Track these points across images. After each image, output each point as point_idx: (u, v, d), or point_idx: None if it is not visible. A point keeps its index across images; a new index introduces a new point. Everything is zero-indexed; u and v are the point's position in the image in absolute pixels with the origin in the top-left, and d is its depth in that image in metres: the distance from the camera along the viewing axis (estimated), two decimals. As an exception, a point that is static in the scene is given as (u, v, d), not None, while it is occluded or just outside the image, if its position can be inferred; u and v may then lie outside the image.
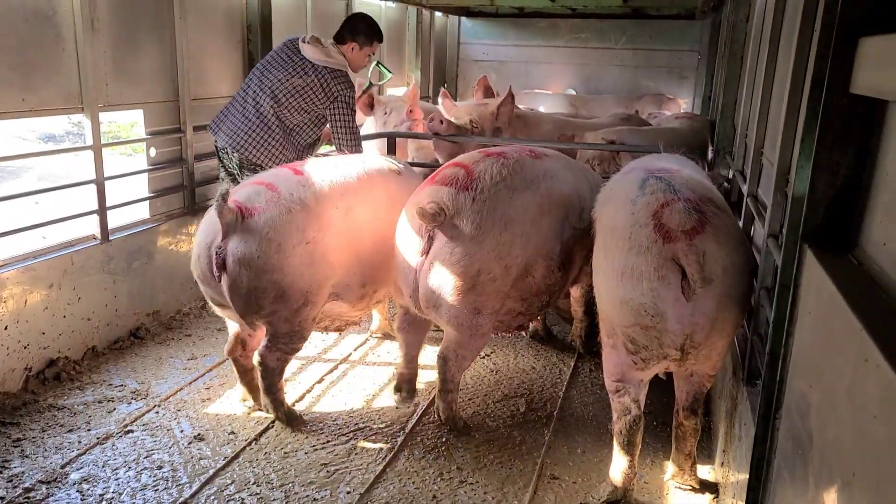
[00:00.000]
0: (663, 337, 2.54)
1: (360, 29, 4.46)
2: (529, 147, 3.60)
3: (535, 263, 3.18)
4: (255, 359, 3.32)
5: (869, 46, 1.65)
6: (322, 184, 3.30)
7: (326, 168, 3.43)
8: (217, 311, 3.44)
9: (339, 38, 4.46)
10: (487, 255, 3.03)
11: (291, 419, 3.41)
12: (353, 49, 4.43)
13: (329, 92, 4.28)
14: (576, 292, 4.15)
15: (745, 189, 3.47)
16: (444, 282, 3.06)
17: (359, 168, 3.53)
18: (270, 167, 4.06)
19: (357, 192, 3.41)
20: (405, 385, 3.63)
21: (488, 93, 5.81)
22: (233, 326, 3.48)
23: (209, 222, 3.18)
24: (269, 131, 4.21)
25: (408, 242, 3.18)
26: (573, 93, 9.55)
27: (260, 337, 3.44)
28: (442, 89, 5.45)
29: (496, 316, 3.21)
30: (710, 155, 5.53)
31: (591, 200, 3.39)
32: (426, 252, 3.09)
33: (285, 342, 3.27)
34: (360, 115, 5.12)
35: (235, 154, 4.19)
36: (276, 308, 3.15)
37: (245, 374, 3.53)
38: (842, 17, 1.75)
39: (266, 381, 3.33)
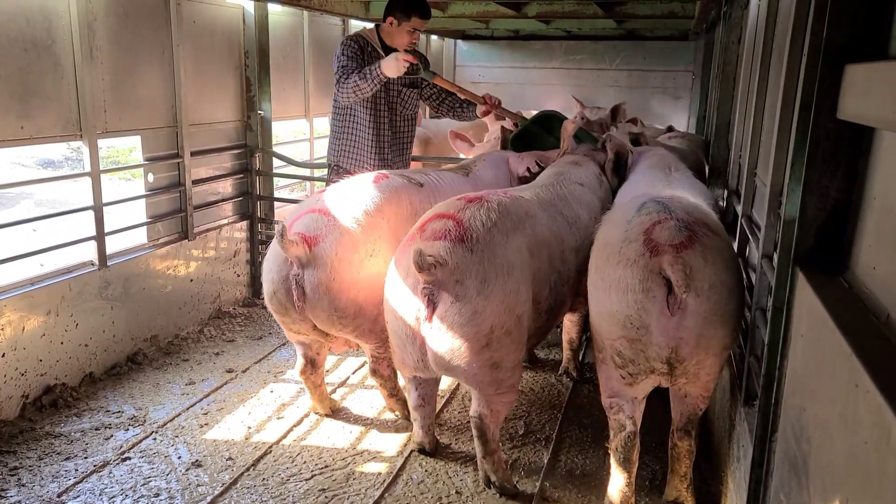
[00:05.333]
0: (648, 350, 2.57)
1: (394, 3, 4.39)
2: (503, 189, 3.46)
3: (528, 308, 3.02)
4: (369, 373, 3.64)
5: (854, 74, 1.67)
6: (373, 199, 3.42)
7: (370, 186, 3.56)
8: (292, 337, 3.60)
9: (383, 17, 4.46)
10: (497, 309, 2.81)
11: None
12: (391, 24, 4.40)
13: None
14: (572, 315, 4.11)
15: (739, 209, 3.49)
16: (455, 345, 2.81)
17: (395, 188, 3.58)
18: (342, 158, 4.57)
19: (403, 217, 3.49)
20: (428, 448, 3.44)
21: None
22: (300, 349, 3.65)
23: (276, 256, 3.28)
24: (334, 128, 4.64)
25: (405, 307, 2.92)
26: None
27: (325, 356, 3.73)
28: (451, 131, 5.03)
29: (519, 367, 3.06)
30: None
31: (573, 240, 3.35)
32: (430, 317, 2.83)
33: (381, 350, 3.47)
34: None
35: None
36: (358, 322, 3.33)
37: (316, 389, 3.76)
38: (828, 42, 1.77)
39: (387, 389, 3.68)
